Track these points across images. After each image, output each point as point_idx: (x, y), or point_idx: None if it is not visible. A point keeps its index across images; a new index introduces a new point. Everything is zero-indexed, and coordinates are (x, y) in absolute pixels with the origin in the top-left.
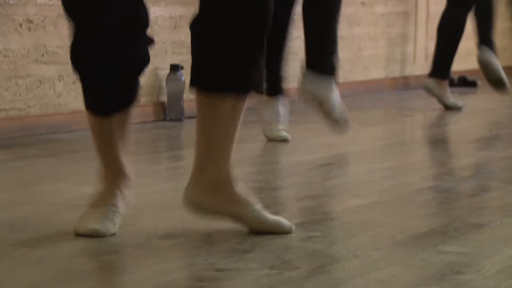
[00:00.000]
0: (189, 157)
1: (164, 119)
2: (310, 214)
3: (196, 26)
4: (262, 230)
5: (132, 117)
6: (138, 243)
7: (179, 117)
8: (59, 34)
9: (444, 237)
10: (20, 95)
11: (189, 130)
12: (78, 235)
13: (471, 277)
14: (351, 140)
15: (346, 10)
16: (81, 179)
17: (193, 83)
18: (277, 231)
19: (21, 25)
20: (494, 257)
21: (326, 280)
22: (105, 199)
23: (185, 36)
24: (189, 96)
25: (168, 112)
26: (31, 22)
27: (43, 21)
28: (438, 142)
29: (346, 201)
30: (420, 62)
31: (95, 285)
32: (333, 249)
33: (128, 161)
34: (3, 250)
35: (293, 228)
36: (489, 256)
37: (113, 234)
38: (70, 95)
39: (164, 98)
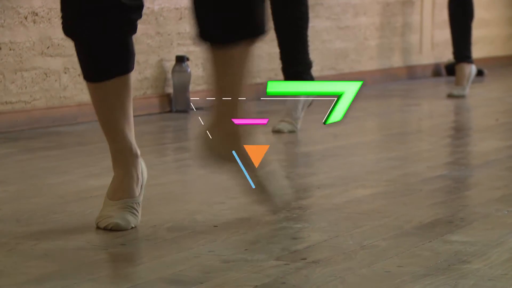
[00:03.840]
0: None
1: (170, 111)
2: (316, 204)
3: None
4: (258, 198)
5: (131, 90)
6: (145, 235)
7: (185, 108)
8: None
9: (451, 226)
10: (26, 88)
11: (195, 122)
12: (99, 228)
13: (478, 267)
14: (357, 130)
15: (352, 0)
16: (87, 172)
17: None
18: (267, 205)
19: (26, 18)
20: (501, 246)
21: (333, 271)
22: (122, 191)
23: (191, 27)
24: (195, 88)
25: (174, 103)
26: (36, 14)
27: (48, 14)
28: (445, 131)
29: (353, 191)
30: (426, 51)
31: (102, 277)
32: (340, 239)
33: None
34: (10, 243)
35: (284, 206)
36: (496, 245)
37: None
38: (76, 87)
39: (170, 90)
